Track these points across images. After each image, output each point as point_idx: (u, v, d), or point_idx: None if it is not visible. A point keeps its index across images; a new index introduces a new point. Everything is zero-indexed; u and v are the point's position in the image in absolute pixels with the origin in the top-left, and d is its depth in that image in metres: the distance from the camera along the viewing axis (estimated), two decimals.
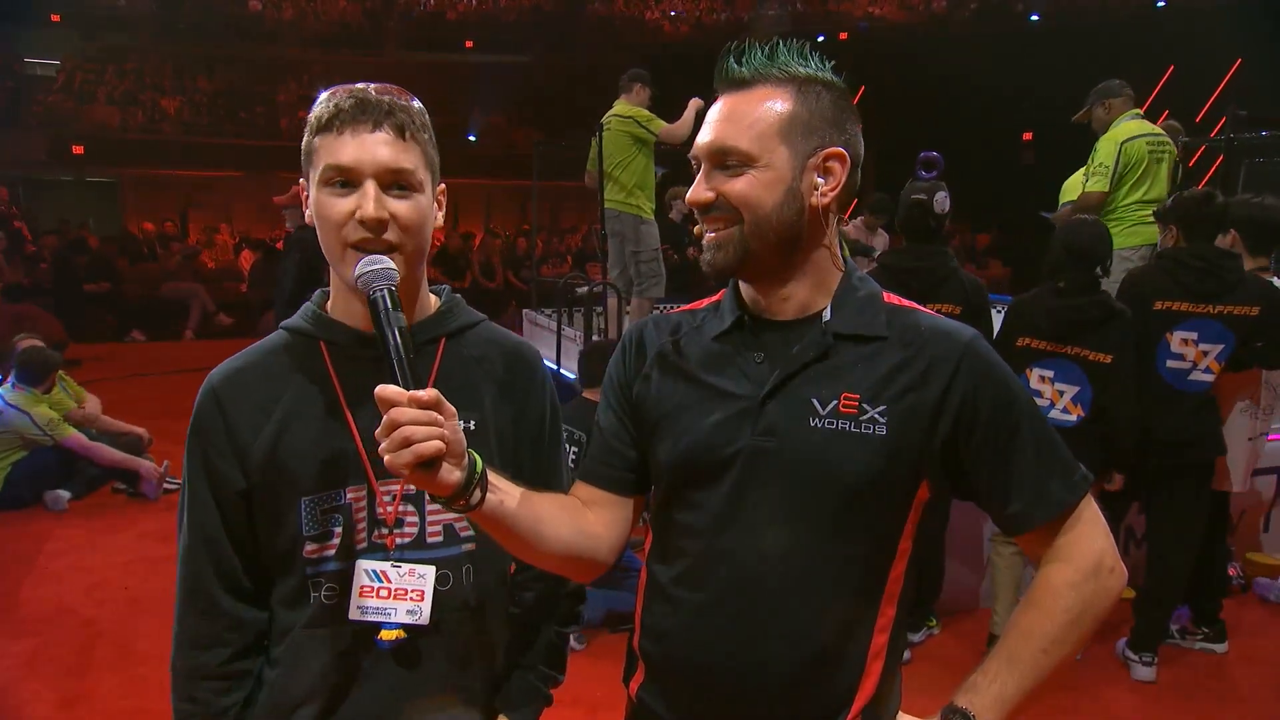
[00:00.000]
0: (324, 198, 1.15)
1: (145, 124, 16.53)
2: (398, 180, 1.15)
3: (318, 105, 1.17)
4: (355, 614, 1.21)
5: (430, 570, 1.23)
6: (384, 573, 1.21)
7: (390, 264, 1.10)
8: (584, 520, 1.23)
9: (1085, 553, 1.13)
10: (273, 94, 17.60)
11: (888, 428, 1.10)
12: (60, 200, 15.36)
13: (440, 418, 0.98)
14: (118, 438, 5.53)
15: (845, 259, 1.21)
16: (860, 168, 1.17)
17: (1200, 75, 11.38)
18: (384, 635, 1.21)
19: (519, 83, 18.74)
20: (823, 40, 14.43)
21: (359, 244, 1.13)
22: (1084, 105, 4.70)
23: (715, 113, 1.15)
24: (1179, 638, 3.56)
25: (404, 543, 1.23)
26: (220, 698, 1.22)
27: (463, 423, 1.06)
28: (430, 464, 0.98)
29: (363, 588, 1.21)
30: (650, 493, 1.29)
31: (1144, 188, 4.41)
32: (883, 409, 1.11)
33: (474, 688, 1.31)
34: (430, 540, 1.25)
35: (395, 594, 1.21)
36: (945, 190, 3.38)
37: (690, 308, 1.30)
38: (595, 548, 1.23)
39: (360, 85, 1.17)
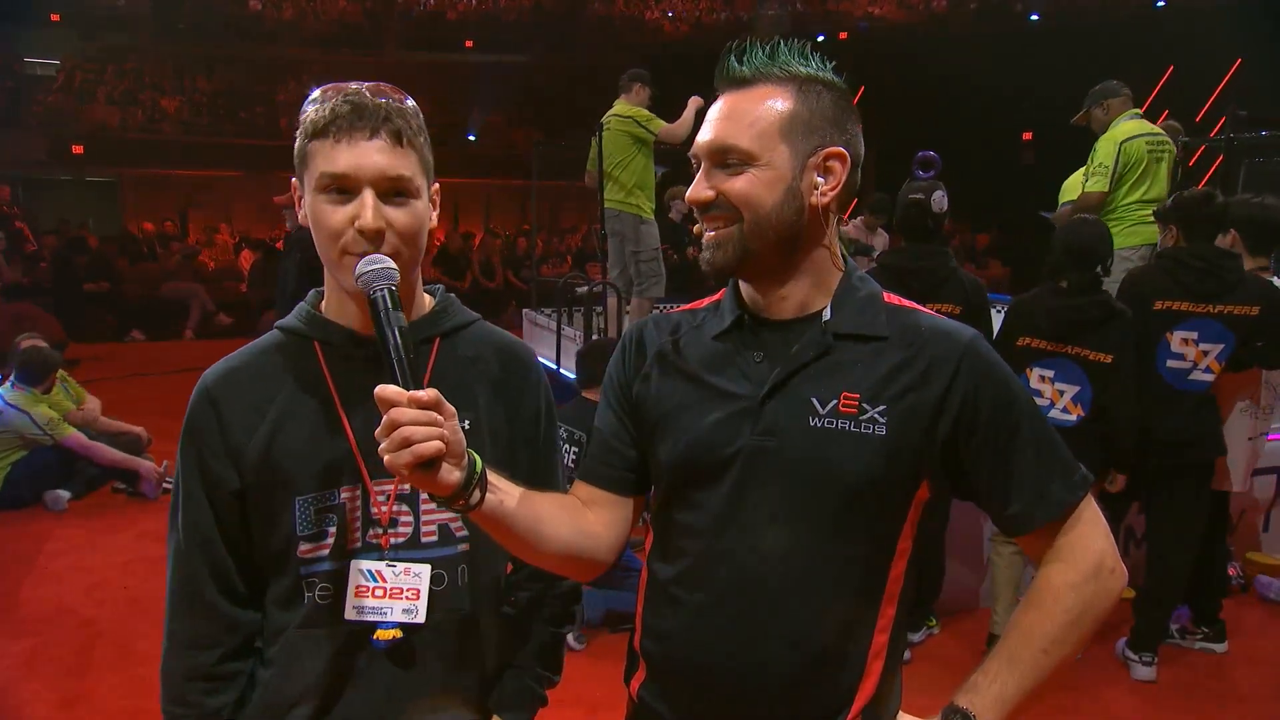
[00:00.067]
0: (320, 205, 1.14)
1: (145, 124, 16.52)
2: (395, 188, 1.14)
3: (311, 106, 1.15)
4: (351, 614, 1.20)
5: (425, 570, 1.23)
6: (379, 572, 1.21)
7: (390, 263, 1.10)
8: (584, 520, 1.23)
9: (1086, 553, 1.13)
10: (273, 94, 17.59)
11: (888, 428, 1.10)
12: (60, 200, 15.34)
13: (440, 418, 0.98)
14: (117, 437, 5.53)
15: (845, 258, 1.21)
16: (860, 167, 1.17)
17: (1200, 75, 11.37)
18: (380, 635, 1.21)
19: (519, 83, 18.74)
20: (823, 40, 14.44)
21: (356, 253, 1.12)
22: (1082, 107, 4.69)
23: (716, 111, 1.15)
24: (1179, 638, 3.56)
25: (398, 542, 1.23)
26: (210, 699, 1.22)
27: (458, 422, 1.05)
28: (430, 464, 0.98)
29: (358, 587, 1.21)
30: (650, 492, 1.29)
31: (1144, 187, 4.41)
32: (883, 409, 1.10)
33: (469, 687, 1.31)
34: (425, 540, 1.24)
35: (391, 593, 1.21)
36: (943, 190, 3.38)
37: (690, 307, 1.30)
38: (595, 547, 1.23)
39: (354, 86, 1.15)
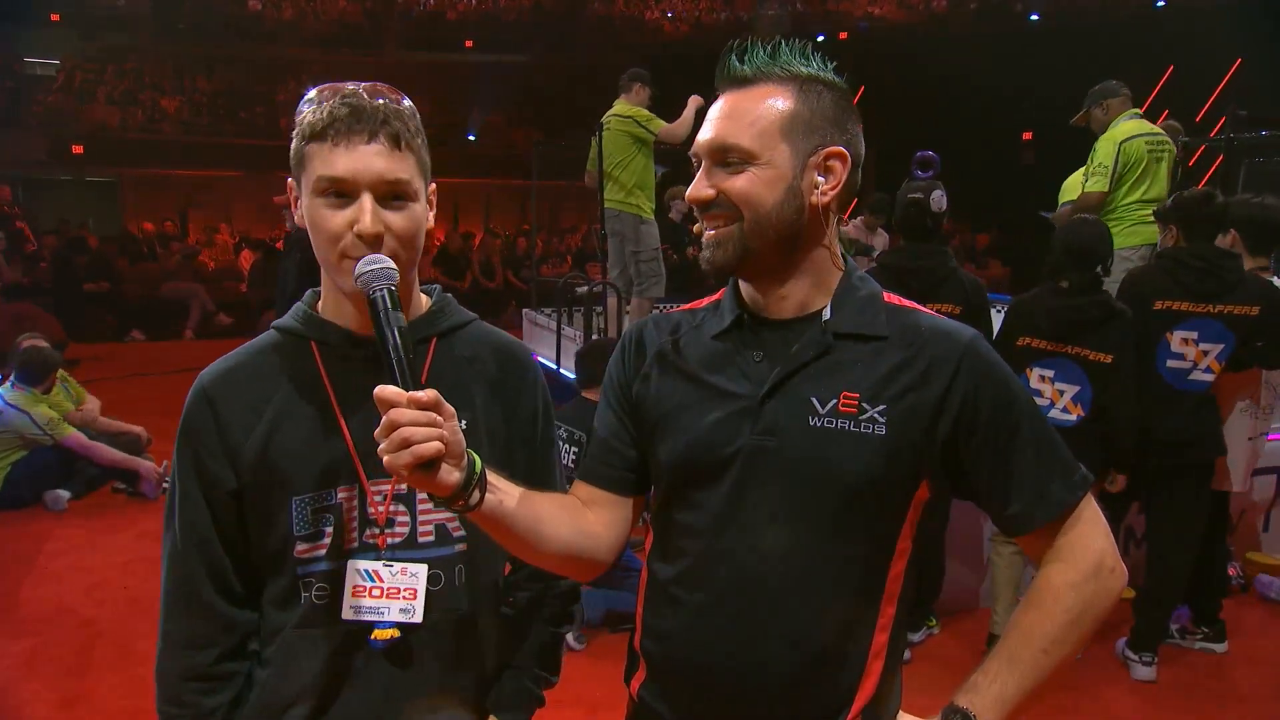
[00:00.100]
0: (319, 208, 1.14)
1: (145, 124, 16.51)
2: (393, 191, 1.14)
3: (308, 108, 1.15)
4: (349, 614, 1.20)
5: (422, 569, 1.23)
6: (376, 572, 1.21)
7: (390, 263, 1.10)
8: (583, 520, 1.23)
9: (1086, 553, 1.13)
10: (273, 94, 17.58)
11: (887, 427, 1.10)
12: (60, 200, 15.33)
13: (439, 418, 0.98)
14: (116, 437, 5.52)
15: (845, 258, 1.21)
16: (860, 167, 1.17)
17: (1200, 75, 11.37)
18: (377, 635, 1.21)
19: (519, 83, 18.73)
20: (823, 40, 14.43)
21: (355, 257, 1.12)
22: (1082, 107, 4.69)
23: (716, 110, 1.15)
24: (1179, 637, 3.56)
25: (395, 542, 1.23)
26: (207, 699, 1.22)
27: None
28: (429, 465, 0.98)
29: (355, 587, 1.21)
30: (650, 492, 1.29)
31: (1143, 187, 4.41)
32: (882, 408, 1.10)
33: (467, 688, 1.31)
34: (422, 540, 1.24)
35: (388, 593, 1.21)
36: (941, 189, 3.39)
37: (690, 307, 1.30)
38: (595, 547, 1.23)
39: (351, 87, 1.15)
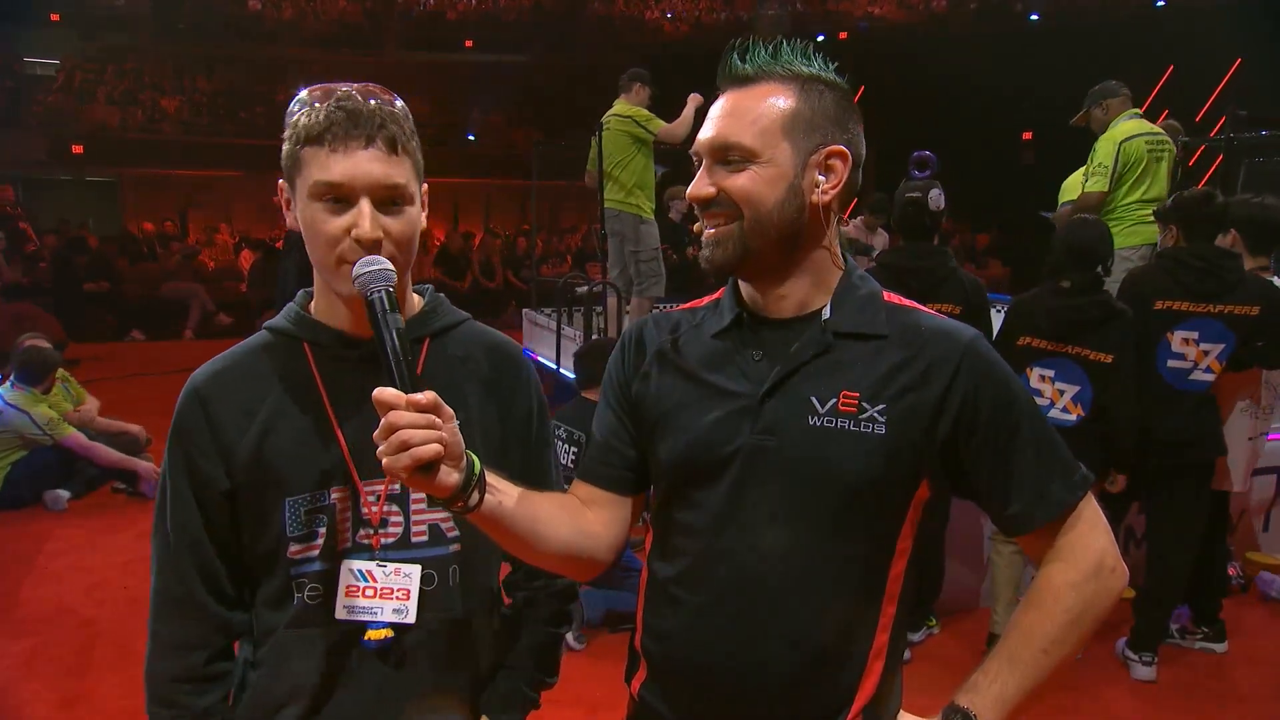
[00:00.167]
0: (315, 213, 1.13)
1: (145, 124, 16.50)
2: (391, 196, 1.14)
3: (301, 110, 1.14)
4: (342, 614, 1.20)
5: (416, 570, 1.23)
6: (369, 572, 1.21)
7: (388, 265, 1.10)
8: (583, 519, 1.23)
9: (1086, 553, 1.12)
10: (273, 94, 17.57)
11: (887, 427, 1.10)
12: (60, 200, 15.33)
13: (438, 421, 0.98)
14: (116, 437, 5.52)
15: (845, 257, 1.21)
16: (861, 167, 1.17)
17: (1200, 75, 11.37)
18: (370, 635, 1.21)
19: (519, 83, 18.74)
20: (823, 40, 14.42)
21: (354, 261, 1.11)
22: (1082, 108, 4.69)
23: (718, 109, 1.15)
24: (1179, 637, 3.56)
25: (389, 543, 1.23)
26: (199, 699, 1.22)
27: None
28: (429, 467, 0.98)
29: (349, 587, 1.21)
30: (650, 492, 1.29)
31: (1144, 187, 4.41)
32: (882, 408, 1.10)
33: (461, 688, 1.31)
34: (415, 540, 1.24)
35: (381, 593, 1.21)
36: (939, 188, 3.40)
37: (690, 306, 1.29)
38: (594, 547, 1.23)
39: (344, 89, 1.14)
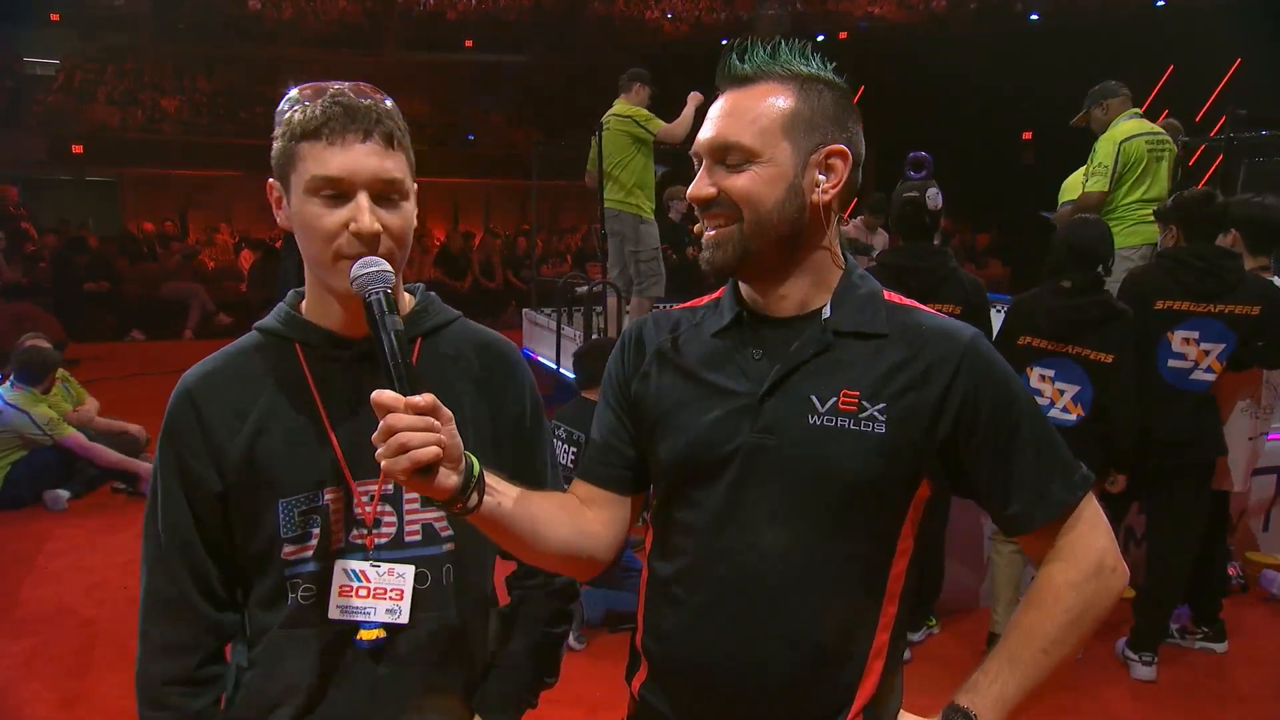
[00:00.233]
0: (312, 208, 1.13)
1: (145, 124, 16.50)
2: (388, 190, 1.14)
3: (294, 108, 1.14)
4: (335, 613, 1.20)
5: (409, 570, 1.22)
6: (363, 572, 1.21)
7: (386, 267, 1.10)
8: (582, 519, 1.23)
9: (1086, 552, 1.12)
10: (272, 94, 17.46)
11: (887, 426, 1.10)
12: (60, 200, 15.33)
13: (437, 423, 0.98)
14: (114, 438, 5.51)
15: (846, 256, 1.21)
16: (860, 166, 1.17)
17: (1200, 75, 11.36)
18: (363, 635, 1.20)
19: (519, 83, 18.74)
20: (823, 40, 14.43)
21: (351, 256, 1.12)
22: (1082, 108, 4.69)
23: (717, 109, 1.15)
24: (1179, 637, 3.56)
25: (382, 543, 1.23)
26: (193, 701, 1.22)
27: None
28: (427, 469, 0.98)
29: (342, 587, 1.21)
30: (649, 491, 1.29)
31: (1144, 186, 4.41)
32: (882, 407, 1.10)
33: (454, 688, 1.30)
34: (409, 540, 1.24)
35: (374, 593, 1.21)
36: (936, 187, 3.41)
37: (690, 305, 1.29)
38: (594, 546, 1.23)
39: (336, 86, 1.14)
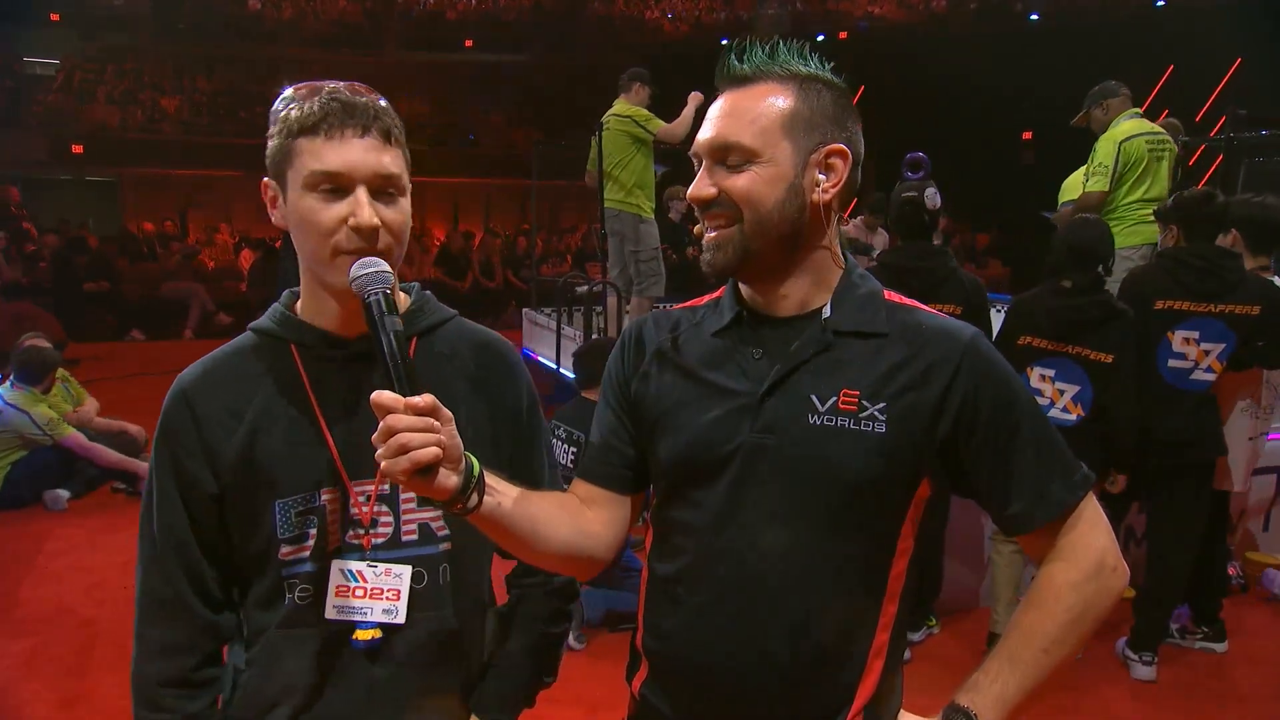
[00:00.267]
0: (310, 203, 1.13)
1: (145, 124, 16.50)
2: (386, 185, 1.14)
3: (290, 106, 1.15)
4: (332, 613, 1.20)
5: (406, 570, 1.22)
6: (360, 572, 1.21)
7: (385, 267, 1.10)
8: (582, 518, 1.23)
9: (1087, 552, 1.12)
10: (272, 94, 17.42)
11: (887, 425, 1.10)
12: (60, 200, 15.32)
13: (436, 424, 0.98)
14: (114, 438, 5.51)
15: (846, 256, 1.21)
16: (860, 166, 1.17)
17: (1200, 75, 11.36)
18: (359, 635, 1.20)
19: (519, 83, 18.74)
20: (823, 40, 14.43)
21: (351, 251, 1.12)
22: (1082, 108, 4.69)
23: (717, 109, 1.15)
24: (1179, 637, 3.56)
25: (379, 543, 1.23)
26: (189, 703, 1.22)
27: None
28: (427, 470, 0.98)
29: (339, 587, 1.21)
30: (649, 491, 1.29)
31: (1144, 186, 4.41)
32: (882, 406, 1.10)
33: (451, 687, 1.30)
34: (405, 540, 1.24)
35: (371, 594, 1.21)
36: (934, 187, 3.42)
37: (690, 304, 1.29)
38: (594, 546, 1.23)
39: (331, 85, 1.15)
